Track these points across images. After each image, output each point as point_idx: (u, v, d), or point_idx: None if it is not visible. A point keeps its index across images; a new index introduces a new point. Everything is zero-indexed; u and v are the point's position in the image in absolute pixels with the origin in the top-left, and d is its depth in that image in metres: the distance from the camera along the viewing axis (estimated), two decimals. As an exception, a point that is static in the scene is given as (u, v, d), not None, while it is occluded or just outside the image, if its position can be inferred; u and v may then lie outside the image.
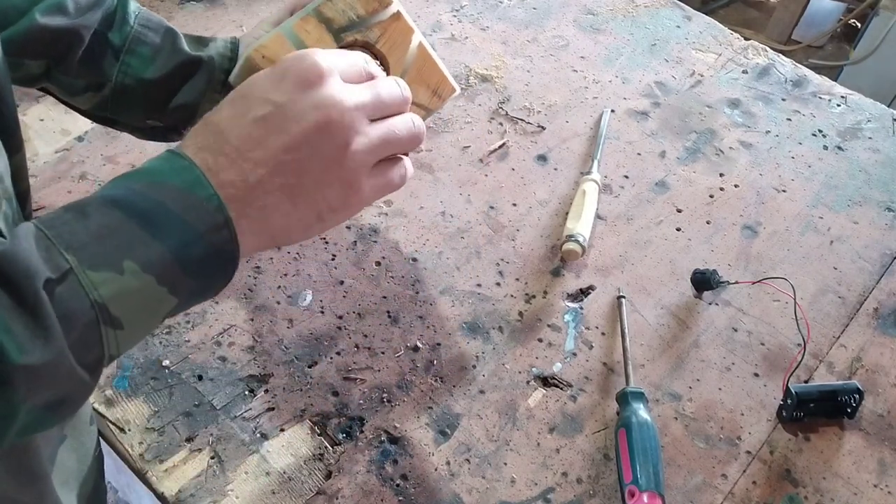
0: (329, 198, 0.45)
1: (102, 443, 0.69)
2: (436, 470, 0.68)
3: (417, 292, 0.80)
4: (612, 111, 1.01)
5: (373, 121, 0.46)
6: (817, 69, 1.15)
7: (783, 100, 1.06)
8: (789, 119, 1.03)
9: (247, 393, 0.71)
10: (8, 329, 0.34)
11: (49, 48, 0.60)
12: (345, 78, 0.45)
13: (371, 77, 0.47)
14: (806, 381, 0.77)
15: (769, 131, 1.01)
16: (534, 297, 0.81)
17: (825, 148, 1.00)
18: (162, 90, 0.64)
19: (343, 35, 0.52)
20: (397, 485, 0.67)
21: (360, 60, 0.47)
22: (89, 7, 0.62)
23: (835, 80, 1.12)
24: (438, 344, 0.76)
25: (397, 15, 0.54)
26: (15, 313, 0.35)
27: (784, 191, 0.94)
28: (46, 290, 0.36)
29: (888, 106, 1.07)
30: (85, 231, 0.38)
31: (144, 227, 0.38)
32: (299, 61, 0.43)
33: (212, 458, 0.67)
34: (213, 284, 0.43)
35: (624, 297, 0.80)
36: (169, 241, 0.39)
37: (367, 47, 0.54)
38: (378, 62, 0.55)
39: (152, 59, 0.63)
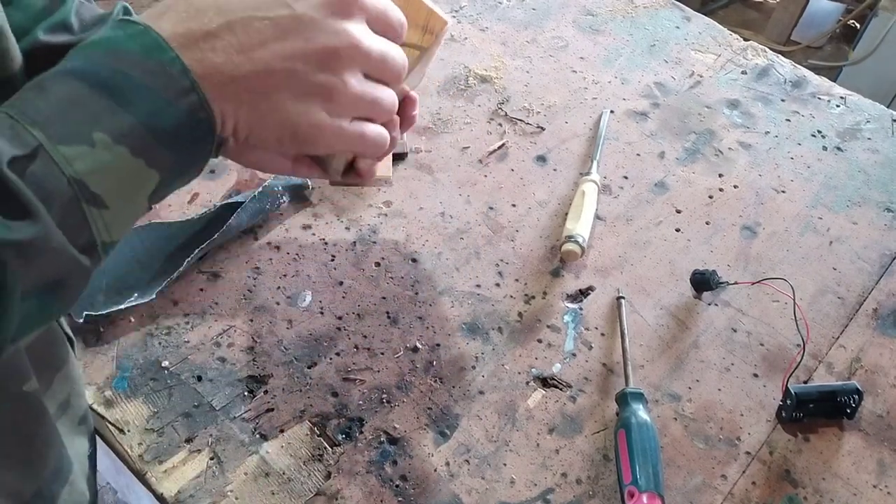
0: (305, 117, 0.43)
1: (101, 443, 0.69)
2: (435, 471, 0.68)
3: (417, 293, 0.80)
4: (612, 112, 1.02)
5: (366, 77, 0.45)
6: (816, 70, 1.15)
7: (782, 100, 1.06)
8: (788, 120, 1.03)
9: (246, 394, 0.71)
10: None
11: (53, 65, 0.59)
12: (371, 21, 0.44)
13: (392, 32, 0.46)
14: (805, 382, 0.77)
15: (768, 132, 1.01)
16: (533, 297, 0.81)
17: (824, 148, 1.00)
18: None
19: None
20: (397, 485, 0.67)
21: (395, 14, 0.45)
22: (94, 23, 0.59)
23: (834, 80, 1.12)
24: (438, 345, 0.76)
25: None
26: None
27: (783, 191, 0.94)
28: (16, 168, 0.34)
29: (887, 106, 1.07)
30: (47, 105, 0.36)
31: (109, 97, 0.37)
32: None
33: (211, 458, 0.67)
34: (194, 156, 0.41)
35: (623, 297, 0.80)
36: (136, 109, 0.37)
37: None
38: None
39: None
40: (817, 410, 0.72)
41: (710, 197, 0.93)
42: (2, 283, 0.34)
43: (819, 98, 1.07)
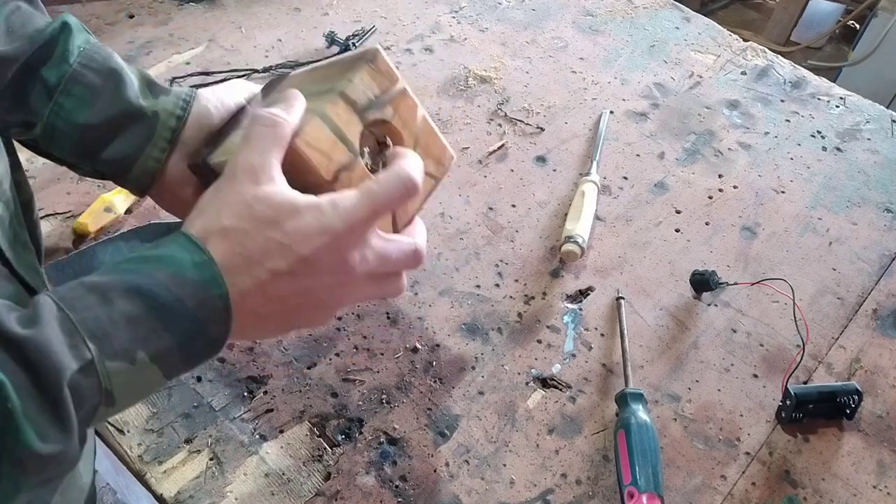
0: (314, 321, 0.50)
1: (101, 444, 0.69)
2: (435, 471, 0.68)
3: (416, 293, 0.80)
4: (611, 112, 1.02)
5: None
6: (816, 70, 1.15)
7: (782, 101, 1.06)
8: (788, 120, 1.03)
9: (245, 394, 0.71)
10: (29, 418, 0.36)
11: None
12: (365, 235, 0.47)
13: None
14: (805, 383, 0.77)
15: (768, 132, 1.01)
16: (533, 298, 0.81)
17: (824, 149, 1.00)
18: (97, 137, 0.57)
19: (366, 115, 0.53)
20: (396, 486, 0.67)
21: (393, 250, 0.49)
22: (25, 36, 0.56)
23: (833, 81, 1.12)
24: (437, 345, 0.76)
25: (404, 91, 0.56)
26: (38, 403, 0.36)
27: (783, 192, 0.94)
28: (70, 384, 0.37)
29: (887, 107, 1.07)
30: (108, 319, 0.39)
31: (161, 320, 0.40)
32: (342, 234, 0.45)
33: (211, 459, 0.67)
34: (196, 366, 0.45)
35: (623, 298, 0.80)
36: (178, 333, 0.41)
37: (384, 125, 0.55)
38: (391, 137, 0.56)
39: (90, 102, 0.56)
40: (817, 411, 0.72)
41: (710, 197, 0.93)
42: (17, 483, 0.36)
43: (819, 98, 1.07)
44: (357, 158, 0.53)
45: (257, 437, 0.69)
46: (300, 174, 0.50)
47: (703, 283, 0.81)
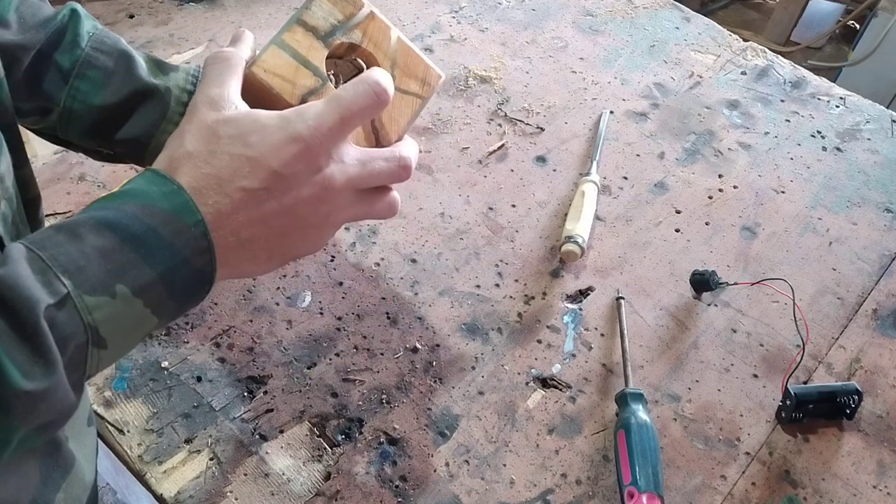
0: (304, 244, 0.48)
1: (101, 444, 0.69)
2: (435, 471, 0.68)
3: (416, 293, 0.80)
4: (611, 112, 1.02)
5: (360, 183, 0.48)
6: (816, 70, 1.15)
7: (782, 101, 1.06)
8: (788, 120, 1.03)
9: (246, 394, 0.71)
10: (9, 356, 0.35)
11: None
12: (339, 146, 0.46)
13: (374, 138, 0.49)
14: (805, 383, 0.77)
15: (768, 132, 1.01)
16: (533, 298, 0.81)
17: (824, 149, 1.00)
18: (113, 117, 0.59)
19: (330, 40, 0.54)
20: (396, 486, 0.67)
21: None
22: (36, 25, 0.58)
23: (833, 81, 1.12)
24: (437, 345, 0.76)
25: (372, 14, 0.56)
26: (16, 340, 0.35)
27: (783, 192, 0.94)
28: (46, 317, 0.36)
29: (887, 107, 1.07)
30: (80, 254, 0.38)
31: (136, 251, 0.39)
32: (310, 140, 0.44)
33: (211, 459, 0.67)
34: (189, 305, 0.44)
35: (623, 298, 0.80)
36: (158, 265, 0.40)
37: (354, 49, 0.56)
38: (365, 61, 0.56)
39: (104, 84, 0.58)
40: (817, 411, 0.72)
41: (710, 197, 0.93)
42: (6, 426, 0.35)
43: (819, 98, 1.07)
44: (326, 83, 0.53)
45: (257, 437, 0.69)
46: (267, 103, 0.50)
47: (703, 283, 0.81)
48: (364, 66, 0.57)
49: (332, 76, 0.56)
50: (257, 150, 0.43)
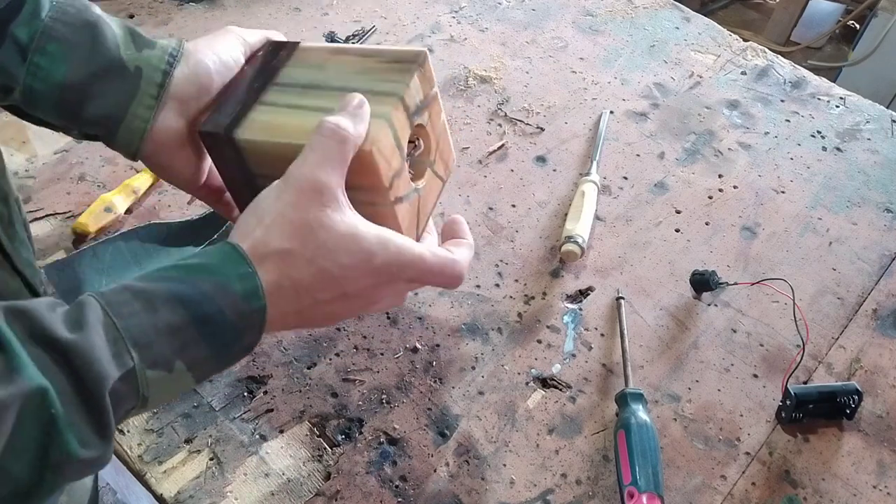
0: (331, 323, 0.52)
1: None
2: (435, 471, 0.68)
3: (416, 293, 0.80)
4: (611, 112, 1.02)
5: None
6: (816, 70, 1.15)
7: (782, 101, 1.06)
8: (788, 120, 1.03)
9: (246, 394, 0.71)
10: (72, 425, 0.36)
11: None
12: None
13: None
14: (805, 383, 0.77)
15: (768, 132, 1.01)
16: (533, 298, 0.81)
17: (824, 149, 1.00)
18: (77, 96, 0.53)
19: (414, 119, 0.53)
20: (396, 486, 0.67)
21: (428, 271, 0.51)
22: (75, 21, 0.53)
23: (833, 81, 1.12)
24: (437, 345, 0.76)
25: (436, 95, 0.55)
26: (80, 410, 0.37)
27: (783, 192, 0.94)
28: (110, 390, 0.38)
29: (887, 107, 1.07)
30: (152, 328, 0.40)
31: (201, 330, 0.41)
32: (386, 278, 0.48)
33: (211, 459, 0.67)
34: (223, 370, 0.46)
35: (623, 298, 0.80)
36: (216, 344, 0.42)
37: (419, 128, 0.55)
38: (422, 141, 0.56)
39: (64, 57, 0.52)
40: (817, 411, 0.72)
41: (710, 197, 0.93)
42: (52, 487, 0.37)
43: (819, 98, 1.07)
44: (405, 163, 0.52)
45: (257, 437, 0.69)
46: (361, 177, 0.49)
47: (703, 283, 0.81)
48: (419, 143, 0.56)
49: (411, 154, 0.55)
50: (343, 273, 0.46)
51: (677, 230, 0.89)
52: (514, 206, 0.90)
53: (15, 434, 0.35)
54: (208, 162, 0.58)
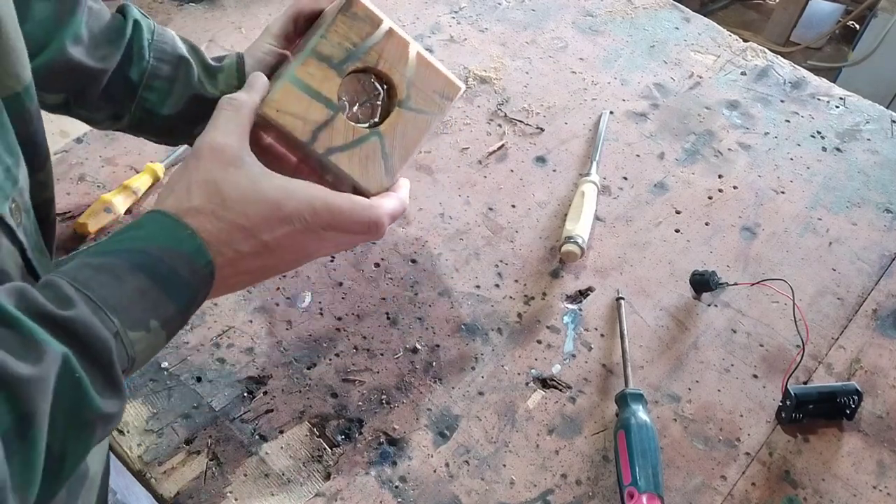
0: (288, 270, 0.57)
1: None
2: (435, 472, 0.68)
3: (416, 294, 0.80)
4: (611, 113, 1.02)
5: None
6: (816, 71, 1.15)
7: (782, 101, 1.06)
8: (788, 121, 1.03)
9: (245, 394, 0.71)
10: (94, 387, 0.40)
11: (69, 82, 0.61)
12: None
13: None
14: (805, 383, 0.77)
15: (768, 133, 1.01)
16: (533, 298, 0.81)
17: (824, 149, 1.00)
18: (179, 124, 0.65)
19: (344, 67, 0.54)
20: (396, 486, 0.67)
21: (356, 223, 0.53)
22: (107, 41, 0.61)
23: (833, 81, 1.12)
24: (437, 345, 0.76)
25: (390, 32, 0.55)
26: (95, 371, 0.40)
27: (783, 192, 0.94)
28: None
29: (887, 107, 1.07)
30: (123, 295, 0.43)
31: (163, 290, 0.45)
32: (299, 227, 0.50)
33: (210, 459, 0.67)
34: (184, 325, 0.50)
35: (623, 298, 0.80)
36: (179, 301, 0.46)
37: (369, 71, 0.55)
38: (384, 81, 0.56)
39: (168, 92, 0.63)
40: (817, 411, 0.72)
41: (710, 198, 0.93)
42: (87, 443, 0.41)
43: (818, 99, 1.07)
44: (337, 113, 0.53)
45: (257, 437, 0.68)
46: (279, 137, 0.53)
47: (703, 283, 0.81)
48: (381, 88, 0.56)
49: (346, 101, 0.55)
50: (252, 223, 0.49)
51: (677, 230, 0.89)
52: (513, 206, 0.90)
53: (55, 403, 0.37)
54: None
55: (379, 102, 0.57)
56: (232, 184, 0.49)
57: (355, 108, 0.56)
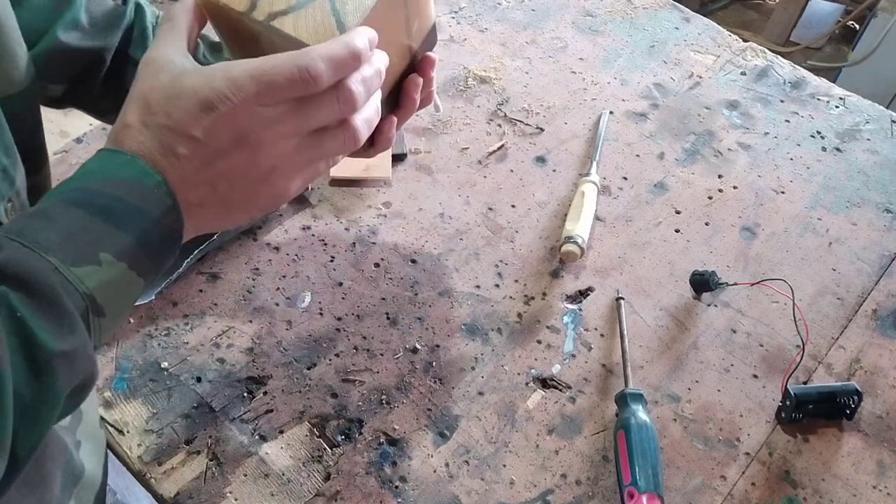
0: (265, 198, 0.47)
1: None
2: (435, 472, 0.68)
3: (416, 294, 0.80)
4: (611, 113, 1.02)
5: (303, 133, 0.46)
6: (816, 71, 1.15)
7: (781, 101, 1.06)
8: (788, 121, 1.03)
9: (245, 395, 0.71)
10: (40, 325, 0.37)
11: (68, 69, 0.60)
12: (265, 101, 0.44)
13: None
14: (805, 383, 0.77)
15: (767, 133, 1.01)
16: (533, 298, 0.81)
17: (823, 149, 1.00)
18: None
19: None
20: (396, 486, 0.67)
21: (282, 78, 0.44)
22: (107, 24, 0.61)
23: (833, 81, 1.12)
24: (437, 346, 0.76)
25: None
26: (41, 310, 0.37)
27: (783, 192, 0.94)
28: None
29: (886, 107, 1.07)
30: (56, 234, 0.39)
31: (108, 221, 0.41)
32: (224, 108, 0.43)
33: (210, 459, 0.67)
34: (167, 261, 0.45)
35: (623, 298, 0.80)
36: (132, 229, 0.41)
37: None
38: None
39: None
40: (817, 411, 0.72)
41: (710, 198, 0.93)
42: (54, 390, 0.38)
43: (818, 99, 1.07)
44: None
45: (257, 437, 0.69)
46: (225, 28, 0.49)
47: (702, 283, 0.81)
48: None
49: None
50: (176, 120, 0.43)
51: (677, 230, 0.89)
52: (513, 206, 0.90)
53: (5, 345, 0.35)
54: None
55: None
56: (156, 89, 0.44)
57: None
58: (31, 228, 0.39)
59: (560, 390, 0.74)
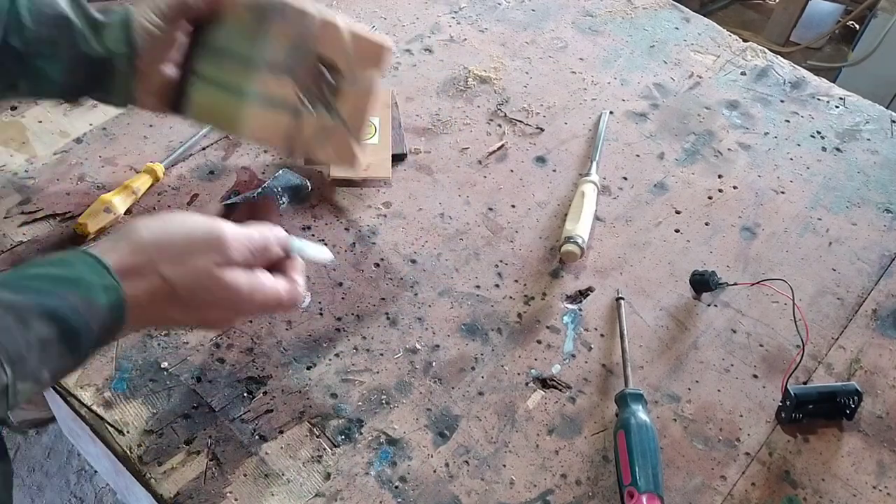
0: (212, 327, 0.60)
1: (101, 444, 0.69)
2: (434, 472, 0.68)
3: (416, 294, 0.80)
4: (611, 113, 1.02)
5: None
6: (816, 71, 1.15)
7: (781, 101, 1.06)
8: (788, 121, 1.03)
9: (245, 395, 0.71)
10: None
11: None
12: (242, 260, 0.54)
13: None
14: (805, 383, 0.77)
15: (767, 133, 1.01)
16: (532, 298, 0.81)
17: (824, 149, 1.00)
18: (74, 86, 0.65)
19: (293, 67, 0.56)
20: (396, 487, 0.67)
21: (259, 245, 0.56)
22: (51, 21, 0.61)
23: (833, 81, 1.12)
24: (437, 346, 0.76)
25: (324, 22, 0.58)
26: None
27: (783, 192, 0.94)
28: None
29: (886, 107, 1.07)
30: (25, 343, 0.42)
31: (68, 345, 0.44)
32: (209, 254, 0.52)
33: (210, 459, 0.67)
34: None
35: (623, 298, 0.80)
36: (81, 354, 0.46)
37: (315, 58, 0.58)
38: (327, 64, 0.58)
39: (54, 56, 0.62)
40: (817, 411, 0.72)
41: (710, 198, 0.93)
42: None
43: (818, 99, 1.07)
44: (301, 113, 0.54)
45: (257, 437, 0.68)
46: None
47: (702, 283, 0.81)
48: (325, 70, 0.57)
49: (303, 97, 0.56)
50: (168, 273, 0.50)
51: (677, 230, 0.89)
52: (513, 206, 0.90)
53: None
54: None
55: (324, 84, 0.58)
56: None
57: (310, 99, 0.57)
58: (4, 326, 0.42)
59: (560, 390, 0.74)
